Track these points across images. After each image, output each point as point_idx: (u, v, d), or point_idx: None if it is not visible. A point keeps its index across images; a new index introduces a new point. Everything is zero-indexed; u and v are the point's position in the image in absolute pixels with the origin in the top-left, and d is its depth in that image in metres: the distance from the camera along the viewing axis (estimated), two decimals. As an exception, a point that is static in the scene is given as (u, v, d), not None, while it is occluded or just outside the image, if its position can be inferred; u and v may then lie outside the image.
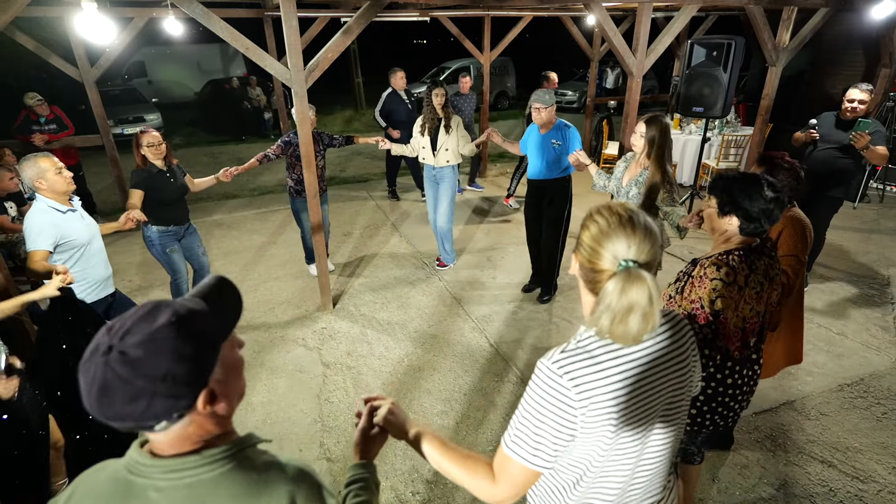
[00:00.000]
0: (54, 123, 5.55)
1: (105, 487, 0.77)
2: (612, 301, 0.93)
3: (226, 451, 0.76)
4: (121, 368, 0.66)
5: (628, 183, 3.01)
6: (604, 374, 0.99)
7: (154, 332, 0.68)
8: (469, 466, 1.07)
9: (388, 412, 1.14)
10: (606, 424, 1.00)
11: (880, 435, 2.78)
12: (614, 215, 1.01)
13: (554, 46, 20.90)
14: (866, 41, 6.91)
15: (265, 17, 6.85)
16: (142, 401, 0.67)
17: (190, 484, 0.73)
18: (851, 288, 4.32)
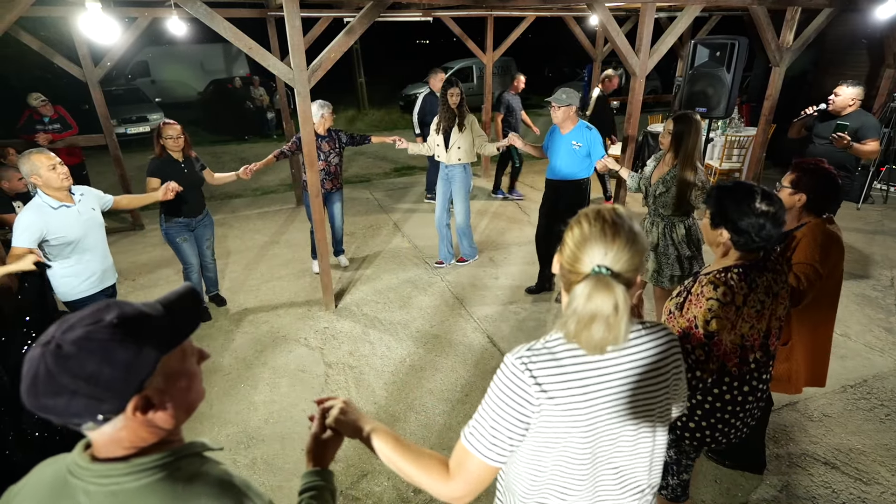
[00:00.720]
0: (58, 123, 5.57)
1: (46, 484, 0.77)
2: (578, 305, 0.93)
3: (155, 461, 0.74)
4: (51, 362, 0.66)
5: (656, 182, 2.99)
6: (565, 376, 0.99)
7: (92, 331, 0.68)
8: (423, 464, 1.05)
9: (340, 412, 1.09)
10: (562, 426, 0.99)
11: (884, 437, 2.77)
12: (598, 220, 0.99)
13: (557, 47, 20.87)
14: (870, 41, 6.89)
15: (268, 17, 6.86)
16: (63, 397, 0.66)
17: (114, 492, 0.72)
18: (855, 289, 4.31)
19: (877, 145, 3.76)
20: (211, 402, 3.14)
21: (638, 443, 1.08)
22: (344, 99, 15.74)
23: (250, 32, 3.30)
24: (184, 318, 0.78)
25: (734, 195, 1.58)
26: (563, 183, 3.83)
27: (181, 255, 3.75)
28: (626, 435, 1.06)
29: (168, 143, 3.49)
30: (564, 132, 3.74)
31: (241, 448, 2.78)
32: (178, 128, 3.51)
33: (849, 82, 3.85)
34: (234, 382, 3.32)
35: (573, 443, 1.01)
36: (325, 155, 4.29)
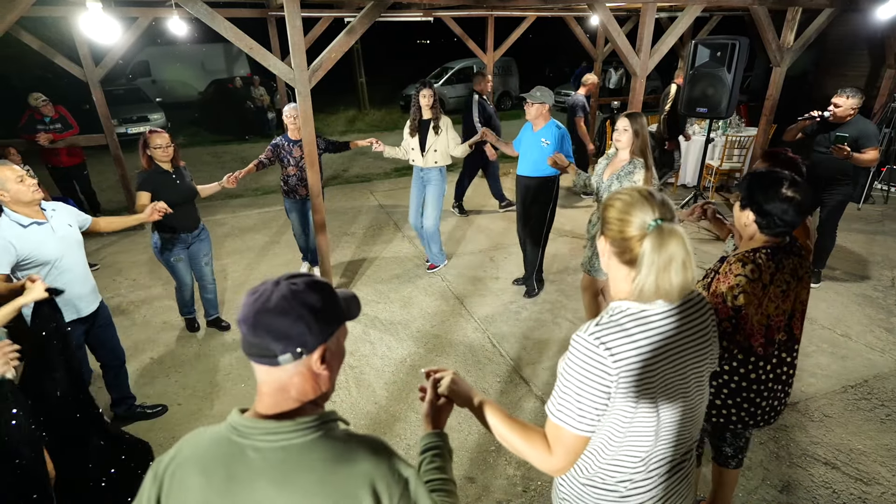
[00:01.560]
0: (59, 123, 5.58)
1: (208, 447, 0.85)
2: (654, 257, 1.03)
3: (314, 421, 0.84)
4: (286, 291, 0.82)
5: (609, 177, 3.08)
6: (634, 342, 1.08)
7: (314, 280, 0.86)
8: (530, 437, 1.15)
9: (452, 382, 1.20)
10: (636, 389, 1.09)
11: (884, 437, 2.77)
12: (634, 192, 1.12)
13: (557, 47, 20.87)
14: (871, 42, 6.88)
15: (269, 17, 6.87)
16: (289, 318, 0.80)
17: (284, 447, 0.81)
18: (855, 289, 4.31)
19: (876, 153, 3.78)
20: (212, 401, 3.15)
21: (690, 398, 1.19)
22: (344, 99, 15.74)
23: (251, 32, 3.30)
24: (351, 304, 0.93)
25: (763, 181, 1.68)
26: (532, 179, 3.87)
27: (178, 277, 3.50)
28: (683, 392, 1.17)
29: (157, 153, 3.17)
30: (536, 129, 3.79)
31: (241, 448, 2.78)
32: (167, 136, 3.21)
33: (848, 91, 3.86)
34: (235, 382, 3.32)
35: (644, 403, 1.11)
36: (295, 160, 4.13)
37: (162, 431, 2.92)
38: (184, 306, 3.75)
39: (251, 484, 0.80)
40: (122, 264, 5.03)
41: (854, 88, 3.89)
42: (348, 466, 0.82)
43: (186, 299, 3.69)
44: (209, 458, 0.84)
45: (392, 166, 8.75)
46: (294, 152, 4.14)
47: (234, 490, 0.81)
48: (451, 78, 14.76)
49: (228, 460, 0.82)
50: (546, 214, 3.95)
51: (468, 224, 5.99)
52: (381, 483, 0.82)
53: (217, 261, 5.07)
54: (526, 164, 3.87)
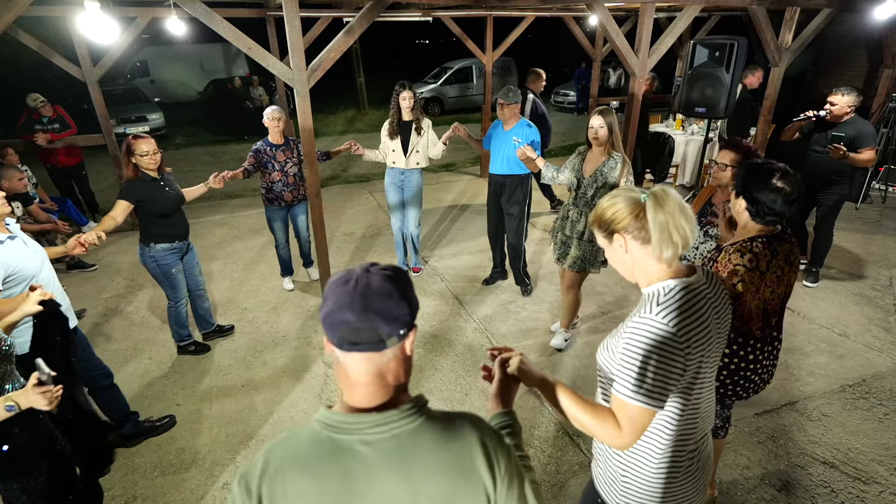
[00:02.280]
0: (57, 123, 5.57)
1: (307, 450, 0.83)
2: (661, 217, 1.14)
3: (415, 406, 0.86)
4: (383, 274, 0.83)
5: (592, 173, 3.13)
6: (692, 315, 1.17)
7: (392, 266, 0.86)
8: (599, 415, 1.20)
9: (521, 363, 1.23)
10: (700, 357, 1.18)
11: (882, 436, 2.77)
12: (618, 189, 1.26)
13: (556, 47, 20.88)
14: (869, 42, 6.90)
15: (268, 17, 6.86)
16: (394, 300, 0.81)
17: (396, 435, 0.82)
18: (853, 289, 4.31)
19: (873, 154, 3.80)
20: (211, 401, 3.14)
21: (716, 364, 1.31)
22: (343, 99, 15.73)
23: (250, 32, 3.30)
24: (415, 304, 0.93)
25: (757, 171, 1.78)
26: (505, 178, 3.91)
27: (175, 288, 3.26)
28: (717, 357, 1.29)
29: (143, 160, 2.93)
30: (507, 128, 3.82)
31: (241, 448, 2.78)
32: (153, 142, 2.98)
33: (843, 90, 3.86)
34: (234, 382, 3.32)
35: (704, 370, 1.22)
36: (280, 165, 3.98)
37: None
38: (182, 327, 3.47)
39: (370, 477, 0.81)
40: (120, 264, 5.03)
41: (849, 87, 3.90)
42: (459, 441, 0.85)
43: (183, 318, 3.44)
44: (314, 460, 0.82)
45: (391, 166, 8.74)
46: (278, 156, 3.99)
47: (352, 486, 0.80)
48: (450, 78, 14.75)
49: (338, 458, 0.81)
50: (523, 211, 4.00)
51: (466, 223, 5.99)
52: (491, 450, 0.87)
53: (216, 261, 5.07)
54: (499, 162, 3.90)
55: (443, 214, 6.33)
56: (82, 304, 4.28)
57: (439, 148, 4.28)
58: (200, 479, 2.60)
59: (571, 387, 1.28)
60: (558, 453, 2.69)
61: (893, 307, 4.04)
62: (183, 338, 3.54)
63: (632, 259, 1.24)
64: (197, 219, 6.13)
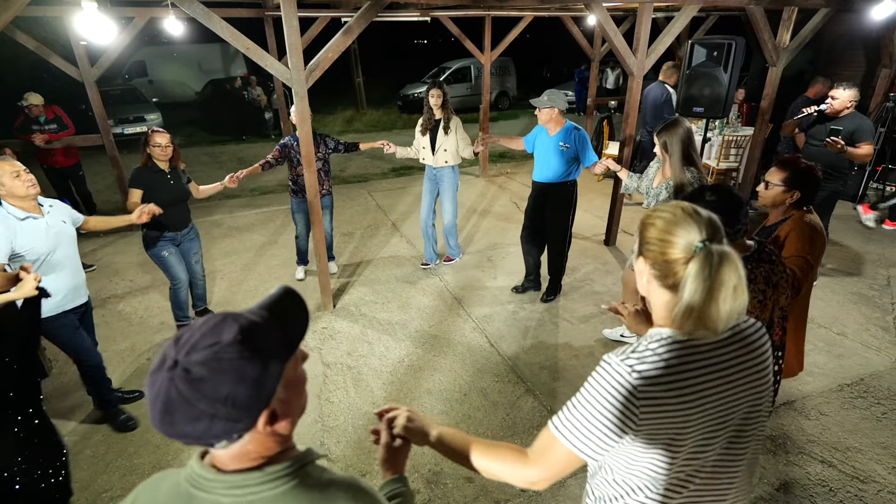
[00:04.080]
0: (54, 123, 5.55)
1: (166, 499, 0.76)
2: (699, 283, 0.92)
3: (287, 469, 0.74)
4: (183, 387, 0.65)
5: (658, 185, 3.07)
6: (672, 377, 0.97)
7: (219, 350, 0.66)
8: (500, 455, 1.07)
9: (406, 420, 1.12)
10: (672, 429, 0.98)
11: (880, 435, 2.78)
12: (677, 208, 1.01)
13: (554, 47, 20.90)
14: (866, 42, 6.91)
15: (266, 17, 6.86)
16: (202, 422, 0.66)
17: (252, 501, 0.72)
18: (851, 288, 4.32)
19: (870, 149, 3.80)
20: (209, 402, 3.14)
21: (742, 447, 1.07)
22: (342, 99, 15.72)
23: (248, 32, 3.29)
24: (295, 324, 0.76)
25: (691, 196, 1.73)
26: (550, 185, 3.82)
27: (168, 271, 3.48)
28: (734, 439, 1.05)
29: (155, 151, 3.24)
30: (551, 134, 3.74)
31: (239, 448, 2.78)
32: (168, 136, 3.29)
33: (844, 85, 3.88)
34: (232, 383, 3.31)
35: (688, 449, 1.00)
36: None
37: (158, 432, 2.90)
38: (179, 309, 3.66)
39: None
40: (118, 265, 5.02)
41: (851, 83, 3.92)
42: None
43: (182, 299, 3.62)
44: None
45: (389, 167, 8.75)
46: (301, 149, 4.13)
47: None
48: (449, 78, 14.75)
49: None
50: (568, 220, 3.92)
51: (466, 224, 5.99)
52: None
53: (214, 261, 5.06)
54: (545, 169, 3.80)
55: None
56: (80, 304, 4.27)
57: (469, 153, 4.36)
58: (199, 479, 2.60)
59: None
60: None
61: (891, 306, 4.05)
62: (179, 318, 3.73)
63: (649, 290, 1.07)
64: (195, 218, 6.09)
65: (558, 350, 3.57)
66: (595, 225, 5.80)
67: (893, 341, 3.60)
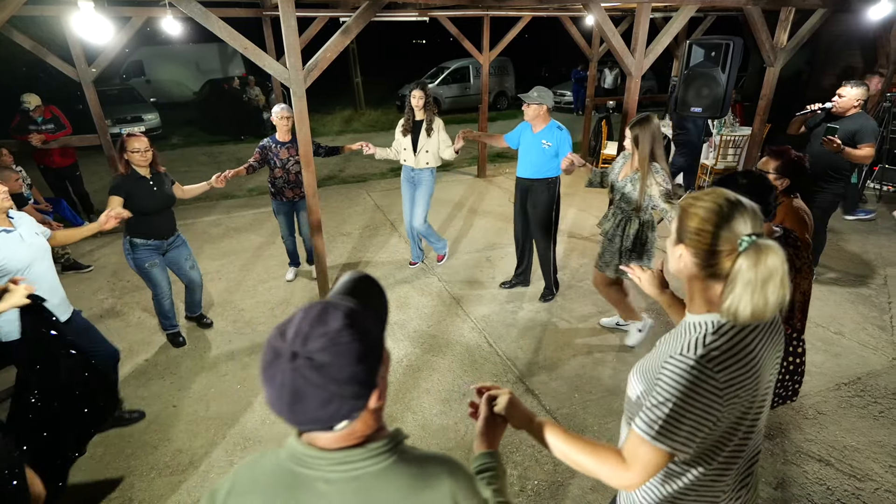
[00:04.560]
0: (52, 123, 5.54)
1: (270, 479, 0.79)
2: (751, 276, 0.97)
3: (386, 445, 0.79)
4: (311, 374, 0.69)
5: (624, 179, 3.15)
6: (740, 358, 1.04)
7: (333, 336, 0.70)
8: (599, 454, 1.11)
9: (509, 402, 1.15)
10: (743, 404, 1.06)
11: (877, 433, 2.79)
12: (721, 198, 1.05)
13: (553, 47, 20.91)
14: (863, 42, 6.94)
15: (264, 17, 6.85)
16: (333, 404, 0.70)
17: (357, 476, 0.76)
18: (849, 287, 4.34)
19: (871, 150, 3.76)
20: (208, 403, 3.13)
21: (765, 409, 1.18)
22: (340, 99, 15.71)
23: (246, 32, 3.29)
24: (382, 304, 0.82)
25: (724, 180, 1.81)
26: (533, 182, 3.87)
27: (152, 282, 3.34)
28: (763, 403, 1.15)
29: (134, 157, 3.05)
30: (535, 131, 3.78)
31: (237, 450, 2.78)
32: (146, 140, 3.10)
33: (852, 83, 3.85)
34: (231, 383, 3.31)
35: (746, 420, 1.10)
36: (282, 162, 4.05)
37: (157, 433, 2.90)
38: (164, 317, 3.57)
39: None
40: (116, 265, 5.00)
41: (858, 80, 3.90)
42: (429, 491, 0.78)
43: (166, 309, 3.50)
44: (274, 491, 0.78)
45: (388, 167, 8.74)
46: (281, 154, 4.06)
47: None
48: (447, 78, 14.75)
49: (297, 493, 0.77)
50: (551, 216, 3.95)
51: (464, 224, 5.99)
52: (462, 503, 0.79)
53: (212, 261, 5.05)
54: (526, 166, 3.85)
55: (441, 215, 6.32)
56: (77, 305, 4.22)
57: (450, 153, 4.32)
58: (197, 480, 2.59)
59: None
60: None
61: (888, 306, 4.06)
62: (167, 328, 3.67)
63: (687, 275, 1.12)
64: (193, 219, 6.13)
65: (557, 349, 3.58)
66: (594, 224, 5.80)
67: (890, 340, 3.61)
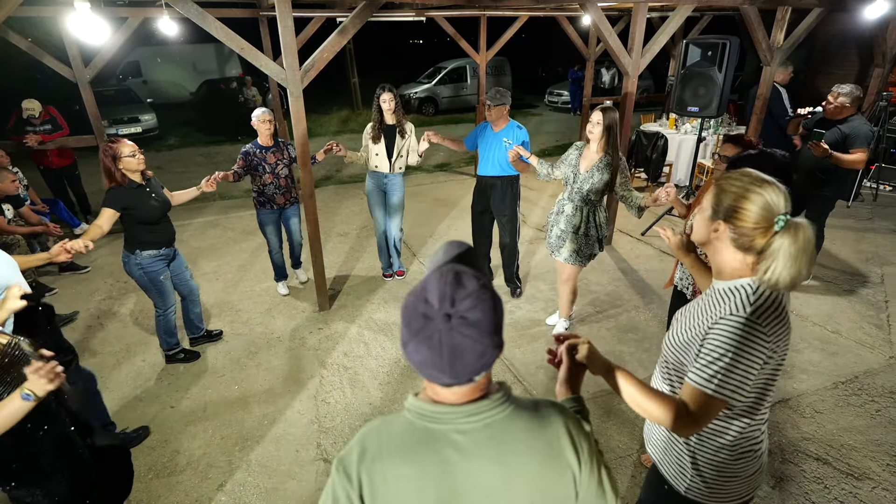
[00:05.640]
0: (49, 124, 5.52)
1: (403, 437, 0.87)
2: (792, 250, 1.11)
3: (504, 396, 0.89)
4: (469, 331, 0.77)
5: (588, 169, 3.16)
6: (779, 312, 1.21)
7: (477, 295, 0.79)
8: (665, 403, 1.22)
9: (589, 350, 1.23)
10: (781, 357, 1.24)
11: (874, 432, 2.80)
12: (756, 178, 1.19)
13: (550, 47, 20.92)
14: (859, 41, 6.96)
15: (261, 17, 6.84)
16: (487, 354, 0.80)
17: (488, 424, 0.85)
18: (846, 286, 4.35)
19: (862, 156, 3.69)
20: (205, 403, 3.13)
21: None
22: (337, 99, 15.70)
23: (242, 32, 3.28)
24: (481, 265, 0.91)
25: (757, 158, 1.87)
26: (496, 179, 3.89)
27: (164, 295, 3.15)
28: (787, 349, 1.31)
29: (130, 162, 2.85)
30: (496, 129, 3.81)
31: (235, 450, 2.77)
32: (133, 144, 2.92)
33: (842, 87, 3.84)
34: (228, 384, 3.30)
35: (780, 367, 1.27)
36: (270, 167, 3.88)
37: (155, 434, 2.90)
38: (171, 335, 3.37)
39: (467, 464, 0.84)
40: (113, 266, 4.99)
41: (848, 84, 3.88)
42: (547, 428, 0.89)
43: (171, 326, 3.32)
44: (411, 447, 0.85)
45: (386, 166, 8.74)
46: (268, 159, 3.89)
47: (450, 472, 0.84)
48: (444, 78, 14.75)
49: (434, 446, 0.85)
50: (516, 212, 4.00)
51: (460, 224, 5.99)
52: (575, 436, 0.91)
53: (209, 262, 5.04)
54: (489, 164, 3.88)
55: (436, 214, 6.33)
56: (75, 306, 4.25)
57: (415, 158, 4.22)
58: (195, 481, 2.59)
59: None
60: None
61: (885, 304, 4.08)
62: (171, 346, 3.43)
63: (718, 247, 1.27)
64: (189, 220, 6.11)
65: (555, 349, 3.58)
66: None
67: (887, 339, 3.62)
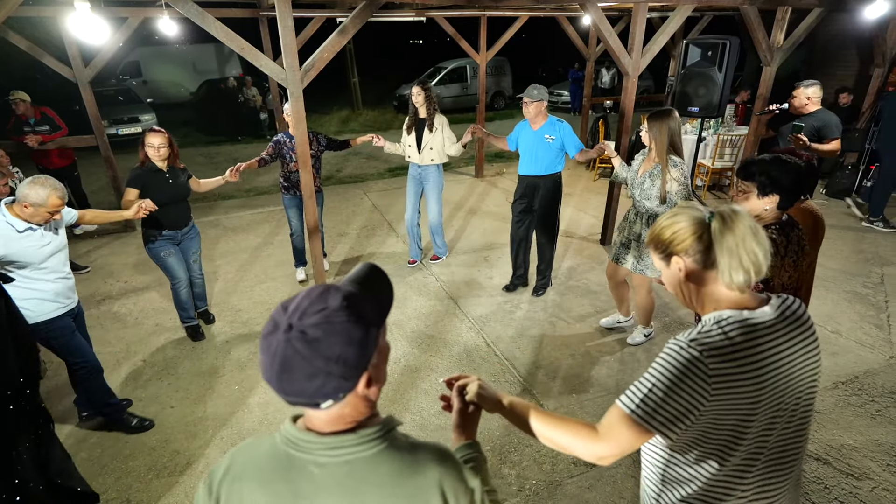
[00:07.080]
0: (45, 125, 5.50)
1: (266, 461, 0.81)
2: (728, 237, 1.04)
3: (378, 432, 0.80)
4: (301, 346, 0.71)
5: (642, 175, 3.13)
6: (741, 353, 1.04)
7: (329, 315, 0.72)
8: (570, 428, 1.11)
9: (479, 388, 1.15)
10: (743, 406, 1.05)
11: (874, 432, 2.80)
12: (672, 210, 1.17)
13: (550, 47, 20.93)
14: (859, 41, 6.96)
15: (261, 17, 6.84)
16: (318, 379, 0.72)
17: (349, 461, 0.78)
18: (846, 286, 4.35)
19: (837, 144, 3.85)
20: (205, 403, 3.13)
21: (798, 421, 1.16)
22: (338, 99, 15.71)
23: (242, 32, 3.29)
24: (384, 297, 0.82)
25: (778, 164, 1.87)
26: (539, 178, 3.87)
27: (168, 271, 3.50)
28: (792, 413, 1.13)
29: (150, 151, 3.24)
30: (536, 127, 3.79)
31: (235, 450, 2.77)
32: (164, 137, 3.27)
33: (806, 83, 3.95)
34: (229, 384, 3.30)
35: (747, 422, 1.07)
36: (294, 156, 4.04)
37: (155, 434, 2.90)
38: (182, 308, 3.66)
39: (317, 501, 0.78)
40: (113, 266, 4.99)
41: (811, 80, 3.99)
42: (417, 477, 0.79)
43: (183, 298, 3.61)
44: (269, 473, 0.80)
45: (386, 167, 8.74)
46: (297, 148, 4.11)
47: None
48: (444, 78, 14.75)
49: (291, 476, 0.79)
50: (556, 211, 3.99)
51: (462, 224, 5.99)
52: (450, 492, 0.81)
53: (210, 262, 5.04)
54: (531, 163, 3.84)
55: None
56: (74, 306, 4.24)
57: (456, 149, 4.35)
58: (194, 481, 2.59)
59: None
60: (553, 452, 2.70)
61: (885, 304, 4.08)
62: (184, 319, 3.73)
63: (692, 285, 1.15)
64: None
65: (555, 349, 3.58)
66: (592, 224, 5.81)
67: (887, 339, 3.62)
